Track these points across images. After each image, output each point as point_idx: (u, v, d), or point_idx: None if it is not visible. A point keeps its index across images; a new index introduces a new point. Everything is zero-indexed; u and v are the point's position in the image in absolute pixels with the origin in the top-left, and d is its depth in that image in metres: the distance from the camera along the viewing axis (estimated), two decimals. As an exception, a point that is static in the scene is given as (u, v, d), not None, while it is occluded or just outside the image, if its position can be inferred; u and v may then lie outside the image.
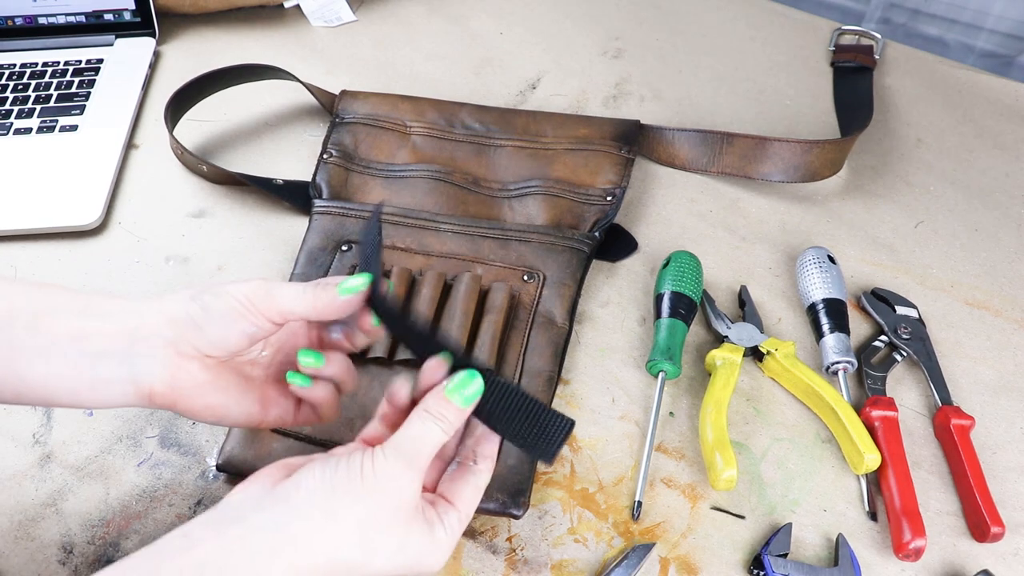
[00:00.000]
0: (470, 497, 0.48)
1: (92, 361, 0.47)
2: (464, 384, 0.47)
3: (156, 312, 0.48)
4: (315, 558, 0.42)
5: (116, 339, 0.47)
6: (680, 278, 0.72)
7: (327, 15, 1.02)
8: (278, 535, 0.42)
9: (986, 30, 1.07)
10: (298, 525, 0.42)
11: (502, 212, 0.78)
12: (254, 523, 0.42)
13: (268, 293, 0.48)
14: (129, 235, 0.78)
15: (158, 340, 0.47)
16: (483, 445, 0.49)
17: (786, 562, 0.58)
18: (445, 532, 0.46)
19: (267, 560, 0.41)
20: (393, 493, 0.44)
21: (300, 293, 0.49)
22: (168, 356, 0.47)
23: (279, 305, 0.48)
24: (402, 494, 0.44)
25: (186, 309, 0.47)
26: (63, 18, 0.94)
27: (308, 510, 0.43)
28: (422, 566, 0.46)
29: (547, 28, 1.03)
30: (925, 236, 0.82)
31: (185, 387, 0.48)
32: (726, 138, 0.83)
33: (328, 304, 0.49)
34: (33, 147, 0.83)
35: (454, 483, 0.48)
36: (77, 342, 0.47)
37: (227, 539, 0.42)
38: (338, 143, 0.82)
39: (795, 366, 0.68)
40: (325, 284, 0.49)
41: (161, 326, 0.47)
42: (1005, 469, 0.65)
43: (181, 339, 0.47)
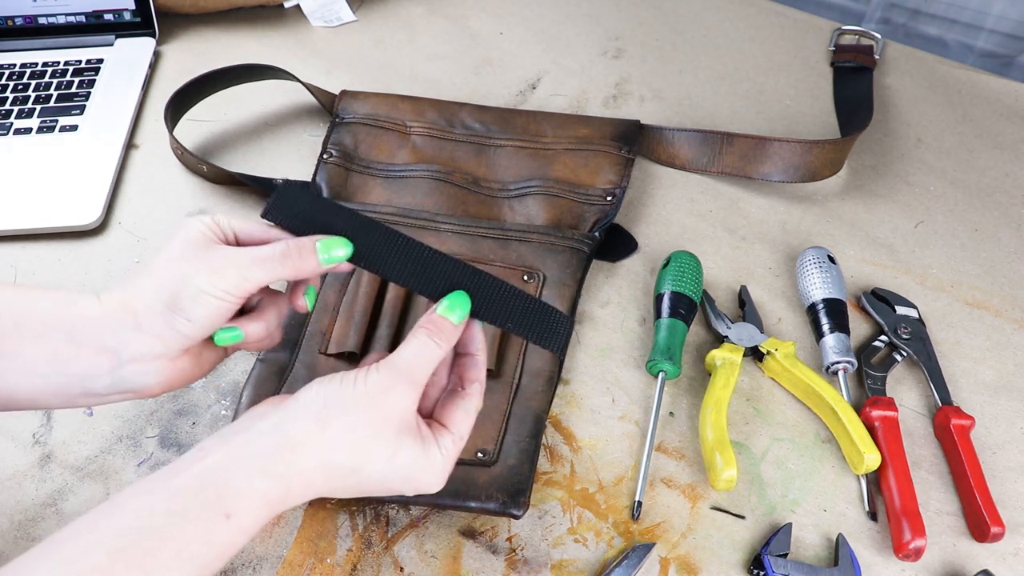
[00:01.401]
0: (461, 420, 0.50)
1: (80, 381, 0.48)
2: (455, 303, 0.49)
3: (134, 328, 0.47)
4: (309, 461, 0.45)
5: (101, 361, 0.48)
6: (680, 278, 0.72)
7: (327, 15, 1.02)
8: (276, 438, 0.45)
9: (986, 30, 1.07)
10: (293, 430, 0.45)
11: (502, 212, 0.78)
12: (256, 430, 0.45)
13: (246, 279, 0.48)
14: (129, 235, 0.78)
15: (149, 356, 0.48)
16: (470, 370, 0.51)
17: (786, 562, 0.58)
18: (439, 451, 0.48)
19: (266, 461, 0.44)
20: (383, 404, 0.46)
21: (275, 264, 0.48)
22: (162, 366, 0.49)
23: (254, 284, 0.48)
24: (393, 405, 0.46)
25: (167, 320, 0.47)
26: (63, 18, 0.94)
27: (303, 418, 0.46)
28: (417, 482, 0.48)
29: (547, 28, 1.03)
30: (925, 236, 0.82)
31: (181, 378, 0.50)
32: (726, 138, 0.83)
33: (312, 271, 0.49)
34: (33, 147, 0.83)
35: (446, 408, 0.50)
36: (58, 365, 0.47)
37: (232, 446, 0.45)
38: (338, 143, 0.82)
39: (795, 366, 0.68)
40: (302, 251, 0.48)
41: (148, 343, 0.48)
42: (1005, 469, 0.65)
43: (170, 349, 0.48)
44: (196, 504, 0.42)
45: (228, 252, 0.48)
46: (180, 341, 0.48)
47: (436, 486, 0.49)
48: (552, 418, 0.66)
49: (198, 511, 0.42)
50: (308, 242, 0.49)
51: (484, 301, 0.50)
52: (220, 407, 0.66)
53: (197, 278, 0.47)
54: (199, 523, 0.42)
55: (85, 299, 0.48)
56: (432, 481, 0.49)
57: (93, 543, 0.40)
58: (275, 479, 0.44)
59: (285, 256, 0.48)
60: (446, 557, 0.59)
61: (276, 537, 0.59)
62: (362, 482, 0.47)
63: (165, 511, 0.42)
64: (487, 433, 0.62)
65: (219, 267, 0.47)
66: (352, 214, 0.51)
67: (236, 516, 0.43)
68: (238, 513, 0.43)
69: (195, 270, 0.47)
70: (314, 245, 0.49)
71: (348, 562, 0.58)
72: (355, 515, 0.61)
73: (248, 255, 0.48)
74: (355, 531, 0.60)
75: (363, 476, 0.47)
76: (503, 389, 0.65)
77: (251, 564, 0.58)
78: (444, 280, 0.50)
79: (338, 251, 0.49)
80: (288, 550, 0.59)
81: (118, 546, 0.40)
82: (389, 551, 0.59)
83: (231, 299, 0.48)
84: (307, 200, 0.51)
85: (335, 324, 0.68)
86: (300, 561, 0.58)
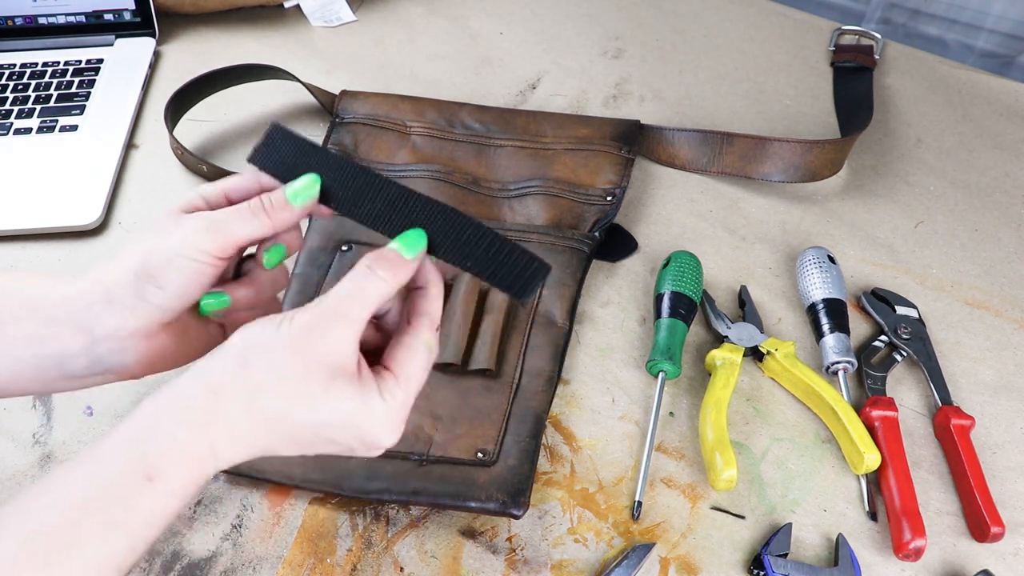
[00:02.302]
0: (406, 359, 0.45)
1: (58, 362, 0.46)
2: (409, 237, 0.45)
3: (105, 302, 0.46)
4: (232, 407, 0.42)
5: (75, 341, 0.46)
6: (680, 278, 0.72)
7: (327, 15, 1.02)
8: (195, 385, 0.42)
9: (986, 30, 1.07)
10: (212, 374, 0.42)
11: (502, 212, 0.78)
12: (179, 382, 0.42)
13: (220, 232, 0.46)
14: (129, 235, 0.78)
15: (122, 333, 0.46)
16: (418, 302, 0.47)
17: (786, 562, 0.58)
18: (380, 397, 0.44)
19: (185, 410, 0.41)
20: (311, 342, 0.42)
21: (250, 218, 0.46)
22: (138, 343, 0.46)
23: (234, 240, 0.46)
24: (320, 345, 0.42)
25: (138, 291, 0.45)
26: (63, 18, 0.94)
27: (223, 362, 0.42)
28: (362, 433, 0.44)
29: (547, 28, 1.03)
30: (925, 236, 0.82)
31: (164, 357, 0.48)
32: (726, 138, 0.83)
33: (288, 221, 0.47)
34: (33, 147, 0.83)
35: (391, 348, 0.46)
36: (34, 347, 0.46)
37: (156, 403, 0.42)
38: (338, 143, 0.82)
39: (795, 366, 0.68)
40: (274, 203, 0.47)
41: (120, 317, 0.46)
42: (1005, 469, 0.65)
43: (145, 324, 0.46)
44: (117, 468, 0.39)
45: (203, 213, 0.46)
46: (153, 313, 0.46)
47: (386, 438, 0.44)
48: (552, 418, 0.66)
49: (119, 475, 0.39)
50: (279, 192, 0.47)
51: (445, 238, 0.46)
52: (220, 407, 0.66)
53: (170, 243, 0.45)
54: (120, 488, 0.39)
55: (59, 279, 0.47)
56: (379, 432, 0.44)
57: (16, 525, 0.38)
58: (195, 428, 0.41)
59: (258, 208, 0.46)
60: (446, 557, 0.59)
61: (276, 537, 0.59)
62: (295, 431, 0.43)
63: (86, 480, 0.39)
64: (487, 433, 0.62)
65: (193, 228, 0.45)
66: (333, 157, 0.48)
67: (160, 476, 0.40)
68: (162, 473, 0.40)
69: (168, 236, 0.45)
70: (284, 194, 0.47)
71: (348, 562, 0.58)
72: (355, 515, 0.61)
73: (223, 212, 0.46)
74: (355, 531, 0.60)
75: (295, 424, 0.42)
76: (503, 389, 0.65)
77: (251, 564, 0.58)
78: (410, 219, 0.46)
79: (307, 192, 0.47)
80: (288, 550, 0.59)
81: (41, 523, 0.38)
82: (389, 551, 0.59)
83: (207, 259, 0.45)
84: (293, 144, 0.49)
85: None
86: (300, 561, 0.58)
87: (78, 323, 0.46)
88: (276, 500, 0.61)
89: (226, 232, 0.46)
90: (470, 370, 0.66)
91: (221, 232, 0.46)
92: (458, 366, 0.66)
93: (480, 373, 0.66)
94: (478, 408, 0.64)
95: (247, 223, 0.46)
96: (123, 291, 0.45)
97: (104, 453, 0.40)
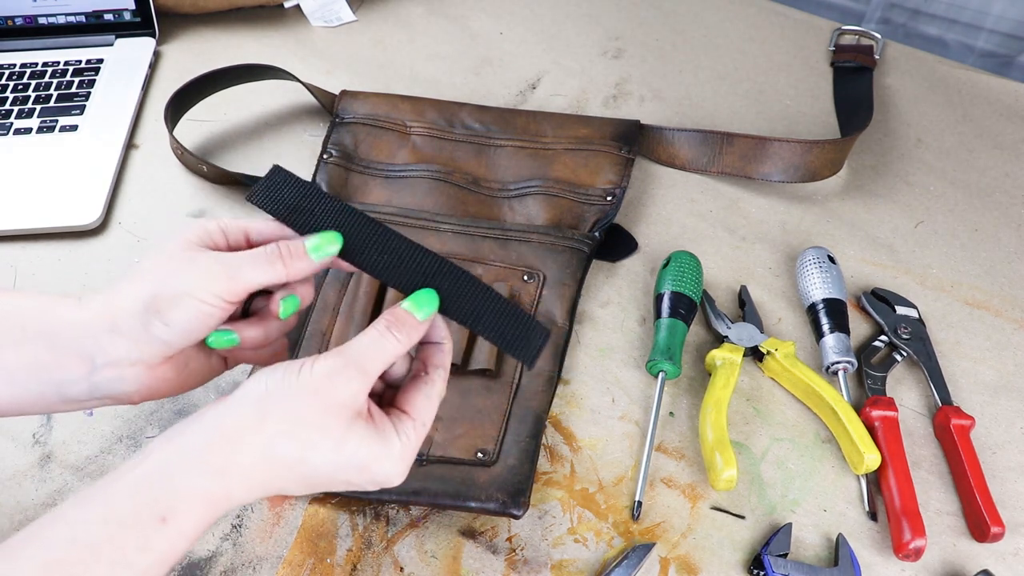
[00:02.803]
0: (423, 406, 0.47)
1: (57, 388, 0.46)
2: (422, 299, 0.47)
3: (110, 331, 0.45)
4: (250, 455, 0.42)
5: (76, 367, 0.46)
6: (680, 278, 0.72)
7: (327, 15, 1.02)
8: (214, 432, 0.42)
9: (986, 30, 1.07)
10: (231, 422, 0.43)
11: (502, 212, 0.78)
12: (196, 428, 0.43)
13: (233, 279, 0.45)
14: (129, 235, 0.78)
15: (124, 363, 0.46)
16: (434, 356, 0.49)
17: (786, 562, 0.58)
18: (399, 439, 0.46)
19: (204, 457, 0.42)
20: (328, 391, 0.44)
21: (266, 265, 0.46)
22: (138, 373, 0.46)
23: (244, 286, 0.46)
24: (339, 393, 0.44)
25: (144, 323, 0.45)
26: (63, 18, 0.94)
27: (242, 408, 0.43)
28: (374, 473, 0.45)
29: (547, 28, 1.03)
30: (925, 236, 0.82)
31: (162, 387, 0.48)
32: (726, 138, 0.83)
33: (303, 272, 0.47)
34: (33, 147, 0.83)
35: (407, 393, 0.48)
36: (32, 371, 0.46)
37: (173, 446, 0.42)
38: (338, 143, 0.82)
39: (795, 366, 0.68)
40: (292, 252, 0.47)
41: (123, 348, 0.45)
42: (1005, 469, 0.65)
43: (148, 356, 0.46)
44: (130, 509, 0.40)
45: (219, 255, 0.46)
46: (158, 347, 0.46)
47: (397, 476, 0.46)
48: (552, 418, 0.66)
49: (133, 517, 0.40)
50: (298, 243, 0.47)
51: (456, 299, 0.48)
52: (220, 407, 0.66)
53: (182, 280, 0.45)
54: (133, 529, 0.40)
55: (66, 303, 0.47)
56: (392, 471, 0.46)
57: (26, 558, 0.38)
58: (214, 475, 0.42)
59: (275, 256, 0.46)
60: (446, 557, 0.59)
61: (276, 537, 0.59)
62: (311, 475, 0.44)
63: (100, 519, 0.40)
64: (487, 433, 0.62)
65: (208, 269, 0.45)
66: (335, 203, 0.49)
67: (174, 519, 0.41)
68: (176, 515, 0.41)
69: (181, 272, 0.45)
70: (303, 245, 0.47)
71: (348, 562, 0.58)
72: (355, 515, 0.61)
73: (239, 257, 0.46)
74: (355, 531, 0.60)
75: (311, 468, 0.44)
76: (503, 389, 0.65)
77: (251, 564, 0.58)
78: (420, 275, 0.48)
79: (328, 246, 0.47)
80: (288, 550, 0.59)
81: (49, 559, 0.38)
82: (389, 551, 0.59)
83: (218, 303, 0.45)
84: (292, 186, 0.50)
85: (335, 324, 0.68)
86: (300, 561, 0.58)
87: (82, 350, 0.46)
88: (276, 500, 0.61)
89: (239, 278, 0.46)
90: (470, 370, 0.66)
91: (234, 278, 0.46)
92: (458, 366, 0.66)
93: (480, 373, 0.66)
94: (478, 408, 0.64)
95: (262, 270, 0.46)
96: (129, 321, 0.45)
97: (118, 493, 0.41)
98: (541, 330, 0.49)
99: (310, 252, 0.47)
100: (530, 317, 0.49)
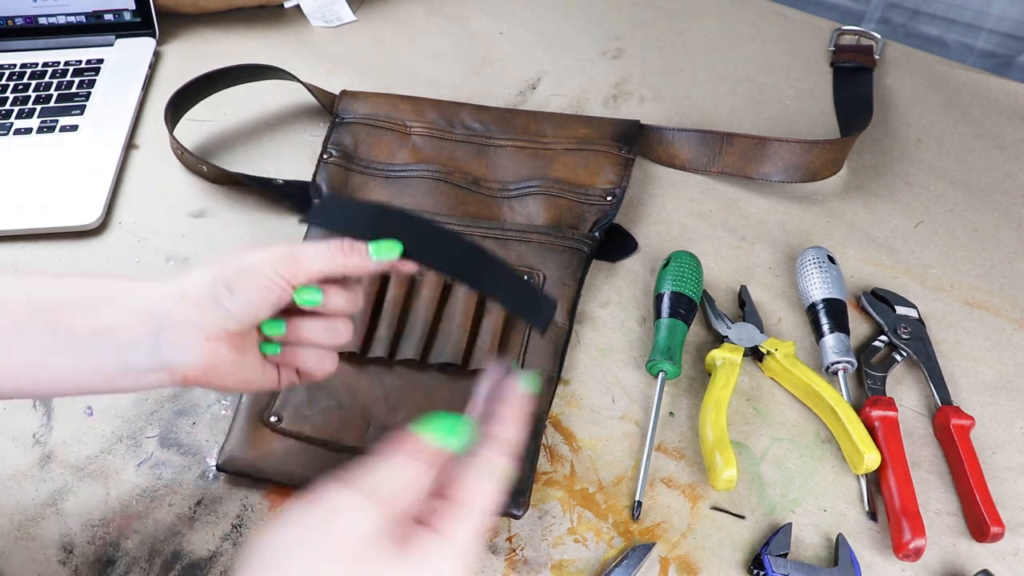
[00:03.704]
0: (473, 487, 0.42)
1: (121, 353, 0.47)
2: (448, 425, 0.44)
3: (179, 297, 0.48)
4: None
5: (142, 329, 0.47)
6: (680, 278, 0.72)
7: (327, 15, 1.02)
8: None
9: (986, 30, 1.07)
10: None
11: (502, 212, 0.78)
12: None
13: (294, 259, 0.49)
14: (129, 235, 0.78)
15: (187, 328, 0.47)
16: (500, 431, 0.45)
17: (786, 562, 0.58)
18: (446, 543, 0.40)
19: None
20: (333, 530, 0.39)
21: (328, 255, 0.49)
22: (199, 342, 0.47)
23: (306, 269, 0.49)
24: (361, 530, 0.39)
25: (212, 292, 0.47)
26: (63, 18, 0.94)
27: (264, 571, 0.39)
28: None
29: (547, 28, 1.03)
30: (925, 236, 0.82)
31: (218, 368, 0.48)
32: (726, 138, 0.83)
33: (359, 267, 0.50)
34: (33, 147, 0.83)
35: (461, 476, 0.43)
36: (101, 337, 0.47)
37: None
38: (338, 143, 0.82)
39: (795, 366, 0.68)
40: (353, 248, 0.50)
41: (188, 312, 0.47)
42: (1005, 469, 0.65)
43: (210, 324, 0.47)
44: None
45: (285, 243, 0.50)
46: (221, 316, 0.47)
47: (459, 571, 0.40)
48: (552, 418, 0.66)
49: None
50: (362, 243, 0.50)
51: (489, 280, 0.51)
52: (220, 407, 0.66)
53: (249, 259, 0.48)
54: None
55: (138, 280, 0.50)
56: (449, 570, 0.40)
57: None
58: None
59: (337, 248, 0.49)
60: (446, 557, 0.59)
61: (276, 537, 0.59)
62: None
63: None
64: (487, 433, 0.62)
65: (273, 251, 0.49)
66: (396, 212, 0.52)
67: None
68: None
69: (249, 253, 0.49)
70: (367, 246, 0.50)
71: (348, 562, 0.58)
72: (355, 515, 0.61)
73: (303, 244, 0.50)
74: (355, 531, 0.60)
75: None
76: (503, 389, 0.65)
77: (251, 564, 0.58)
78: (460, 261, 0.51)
79: (389, 250, 0.50)
80: (288, 550, 0.59)
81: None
82: (389, 551, 0.59)
83: (278, 279, 0.48)
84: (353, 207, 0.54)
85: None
86: (300, 561, 0.58)
87: (148, 312, 0.48)
88: (276, 500, 0.61)
89: (300, 260, 0.49)
90: (470, 370, 0.66)
91: (295, 260, 0.49)
92: (458, 366, 0.66)
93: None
94: (478, 408, 0.64)
95: (321, 257, 0.49)
96: (199, 289, 0.48)
97: None
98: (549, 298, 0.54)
99: (372, 252, 0.50)
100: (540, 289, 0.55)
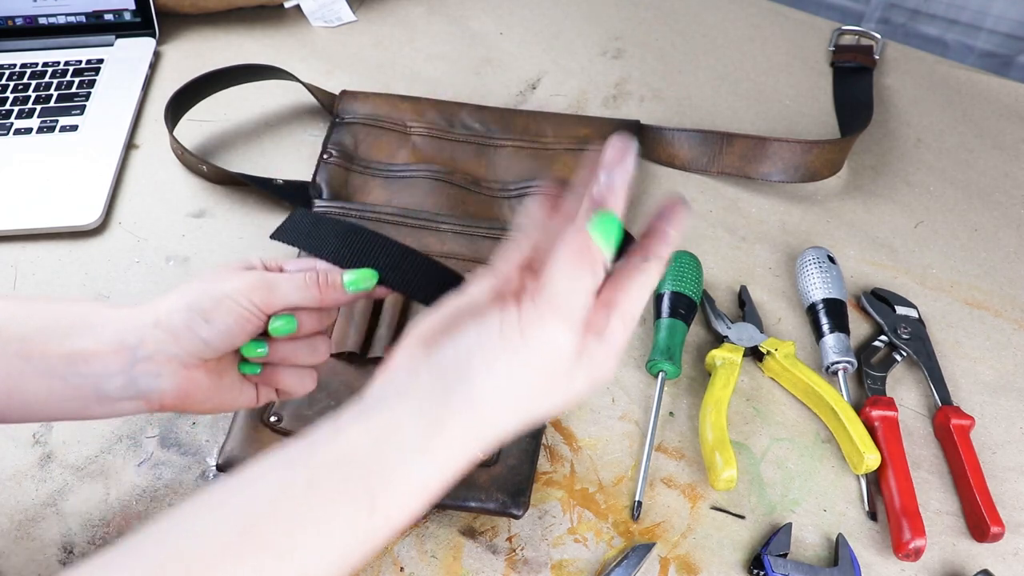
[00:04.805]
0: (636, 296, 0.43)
1: (95, 382, 0.47)
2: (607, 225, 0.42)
3: (153, 326, 0.47)
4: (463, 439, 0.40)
5: (115, 358, 0.47)
6: (680, 278, 0.72)
7: (327, 15, 1.02)
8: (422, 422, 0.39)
9: (986, 30, 1.07)
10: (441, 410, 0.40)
11: (502, 212, 0.78)
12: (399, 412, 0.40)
13: (269, 290, 0.48)
14: (129, 235, 0.78)
15: (162, 357, 0.47)
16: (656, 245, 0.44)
17: (786, 562, 0.58)
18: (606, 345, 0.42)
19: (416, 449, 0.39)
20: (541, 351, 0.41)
21: (303, 288, 0.49)
22: (174, 371, 0.48)
23: (282, 301, 0.49)
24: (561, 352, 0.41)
25: (186, 322, 0.47)
26: (63, 18, 0.94)
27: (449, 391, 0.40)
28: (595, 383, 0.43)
29: (547, 28, 1.03)
30: (925, 236, 0.82)
31: (195, 394, 0.49)
32: (726, 138, 0.83)
33: (336, 301, 0.50)
34: (33, 147, 0.83)
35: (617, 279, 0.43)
36: (75, 364, 0.47)
37: (374, 429, 0.39)
38: (338, 143, 0.82)
39: (795, 366, 0.68)
40: (328, 282, 0.49)
41: (162, 342, 0.47)
42: (1005, 469, 0.65)
43: (186, 352, 0.48)
44: (339, 485, 0.38)
45: (260, 272, 0.49)
46: (196, 344, 0.47)
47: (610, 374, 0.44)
48: (552, 418, 0.66)
49: (341, 493, 0.38)
50: (336, 273, 0.50)
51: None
52: (220, 407, 0.66)
53: (225, 286, 0.48)
54: (343, 505, 0.38)
55: (112, 305, 0.49)
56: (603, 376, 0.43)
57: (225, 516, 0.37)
58: (427, 465, 0.39)
59: (313, 282, 0.49)
60: (446, 557, 0.59)
61: (276, 537, 0.59)
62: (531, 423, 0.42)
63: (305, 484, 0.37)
64: (487, 433, 0.62)
65: (248, 280, 0.48)
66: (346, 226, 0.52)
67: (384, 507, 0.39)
68: (387, 504, 0.39)
69: (225, 280, 0.48)
70: (341, 278, 0.49)
71: (348, 562, 0.58)
72: (355, 515, 0.61)
73: (280, 276, 0.49)
74: (355, 531, 0.60)
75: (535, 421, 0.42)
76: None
77: (251, 564, 0.58)
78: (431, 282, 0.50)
79: (363, 282, 0.49)
80: (288, 550, 0.59)
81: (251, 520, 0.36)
82: (389, 551, 0.59)
83: (253, 310, 0.48)
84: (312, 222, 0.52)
85: (335, 324, 0.68)
86: (300, 561, 0.58)
87: (122, 341, 0.47)
88: (276, 500, 0.61)
89: (276, 292, 0.48)
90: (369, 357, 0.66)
91: (272, 292, 0.48)
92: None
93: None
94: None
95: (298, 291, 0.49)
96: (174, 317, 0.47)
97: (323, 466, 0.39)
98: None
99: (346, 285, 0.49)
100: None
